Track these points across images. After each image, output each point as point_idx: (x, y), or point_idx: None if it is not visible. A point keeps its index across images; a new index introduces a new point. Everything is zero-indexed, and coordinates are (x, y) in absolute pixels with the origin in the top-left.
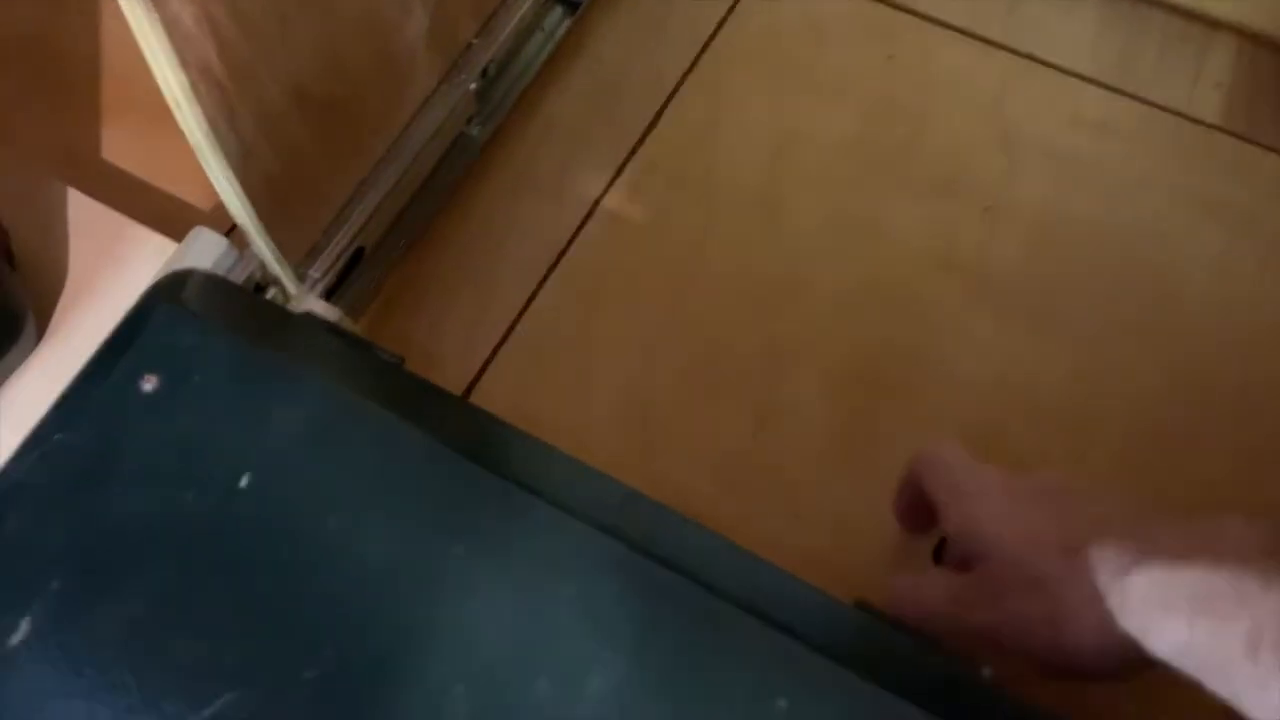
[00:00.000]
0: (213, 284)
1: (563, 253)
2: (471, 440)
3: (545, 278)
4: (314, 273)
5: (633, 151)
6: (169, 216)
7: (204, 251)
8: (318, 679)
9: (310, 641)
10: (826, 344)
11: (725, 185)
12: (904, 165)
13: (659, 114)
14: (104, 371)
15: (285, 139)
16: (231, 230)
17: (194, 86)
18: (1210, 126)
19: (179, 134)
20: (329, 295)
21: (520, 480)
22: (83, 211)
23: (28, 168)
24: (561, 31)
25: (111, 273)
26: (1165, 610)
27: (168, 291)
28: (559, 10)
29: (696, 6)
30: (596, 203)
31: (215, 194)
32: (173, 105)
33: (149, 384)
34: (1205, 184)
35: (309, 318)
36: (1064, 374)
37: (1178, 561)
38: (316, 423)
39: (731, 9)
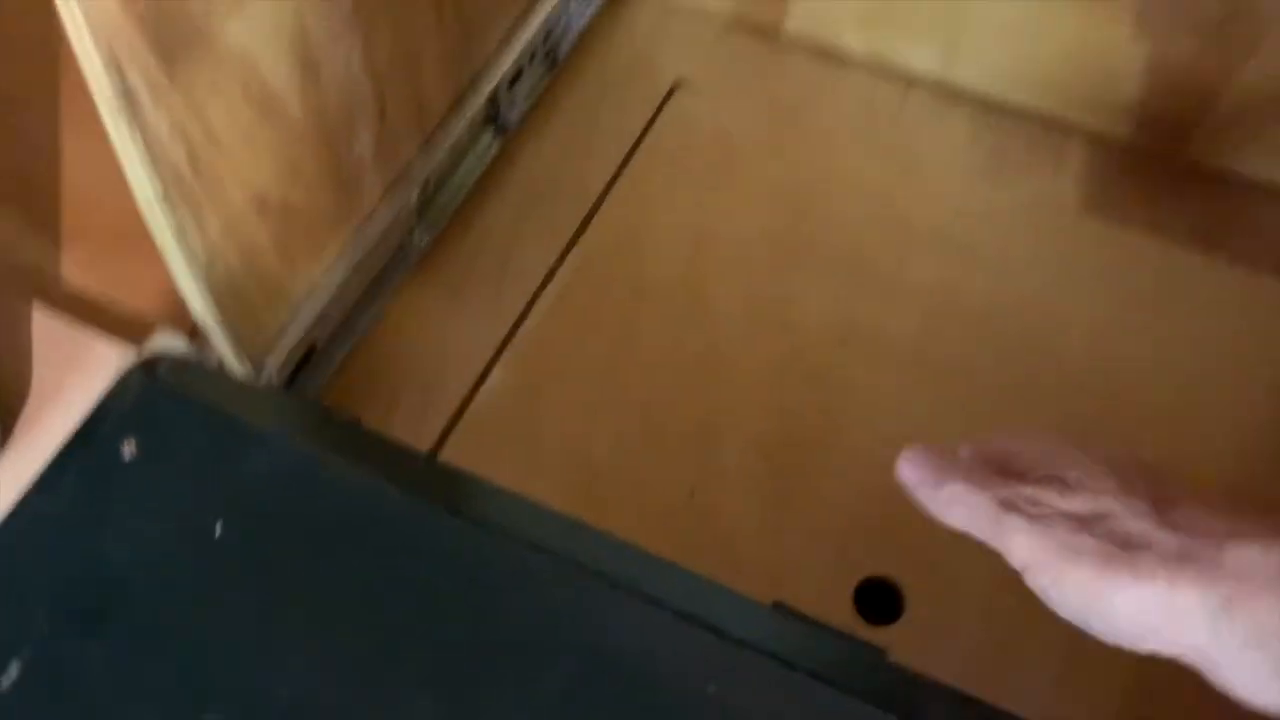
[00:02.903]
0: (183, 364)
1: (503, 346)
2: (422, 483)
3: (486, 371)
4: (268, 371)
5: (565, 252)
6: (129, 326)
7: (166, 350)
8: (291, 698)
9: (283, 666)
10: (750, 410)
11: (652, 278)
12: (810, 255)
13: (587, 219)
14: (87, 440)
15: (246, 242)
16: (191, 334)
17: (166, 191)
18: (1072, 213)
19: (139, 251)
20: None
21: (471, 516)
22: (47, 322)
23: None
24: (494, 151)
25: (74, 379)
26: None
27: (143, 370)
28: (490, 131)
29: (617, 124)
30: (532, 300)
31: (173, 306)
32: (144, 209)
33: (129, 450)
34: (1071, 262)
35: (269, 389)
36: (962, 426)
37: None
38: (280, 473)
39: (649, 126)
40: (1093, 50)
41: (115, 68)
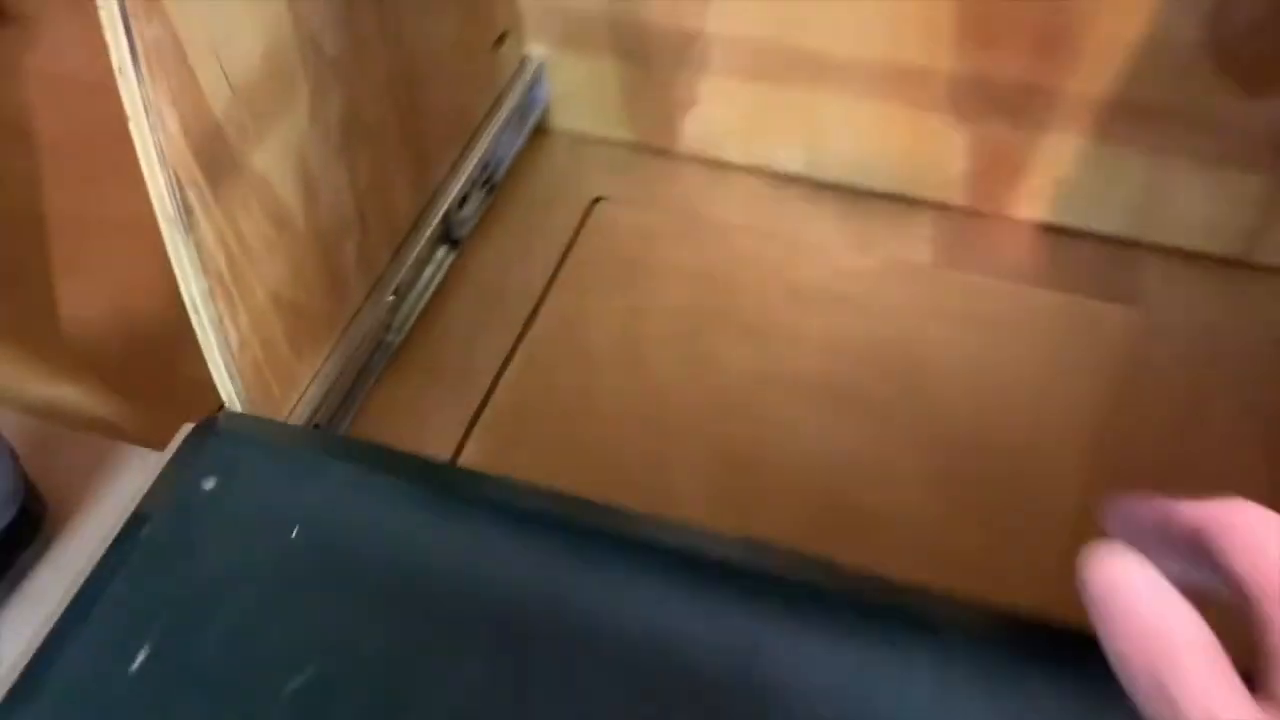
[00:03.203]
0: (238, 415)
1: (474, 420)
2: (448, 482)
3: (462, 442)
4: None
5: (519, 339)
6: (148, 437)
7: None
8: (363, 657)
9: (354, 632)
10: (692, 446)
11: (596, 351)
12: (724, 319)
13: (534, 311)
14: (172, 479)
15: (266, 335)
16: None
17: (210, 290)
18: (929, 266)
19: (153, 373)
20: None
21: (487, 502)
22: (77, 439)
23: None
24: (448, 262)
25: (107, 486)
26: None
27: (207, 425)
28: (445, 245)
29: (550, 233)
30: (495, 380)
31: (183, 421)
32: (191, 306)
33: (209, 484)
34: (933, 304)
35: (312, 429)
36: (859, 436)
37: None
38: (336, 487)
39: (577, 232)
40: (925, 138)
41: (176, 188)
